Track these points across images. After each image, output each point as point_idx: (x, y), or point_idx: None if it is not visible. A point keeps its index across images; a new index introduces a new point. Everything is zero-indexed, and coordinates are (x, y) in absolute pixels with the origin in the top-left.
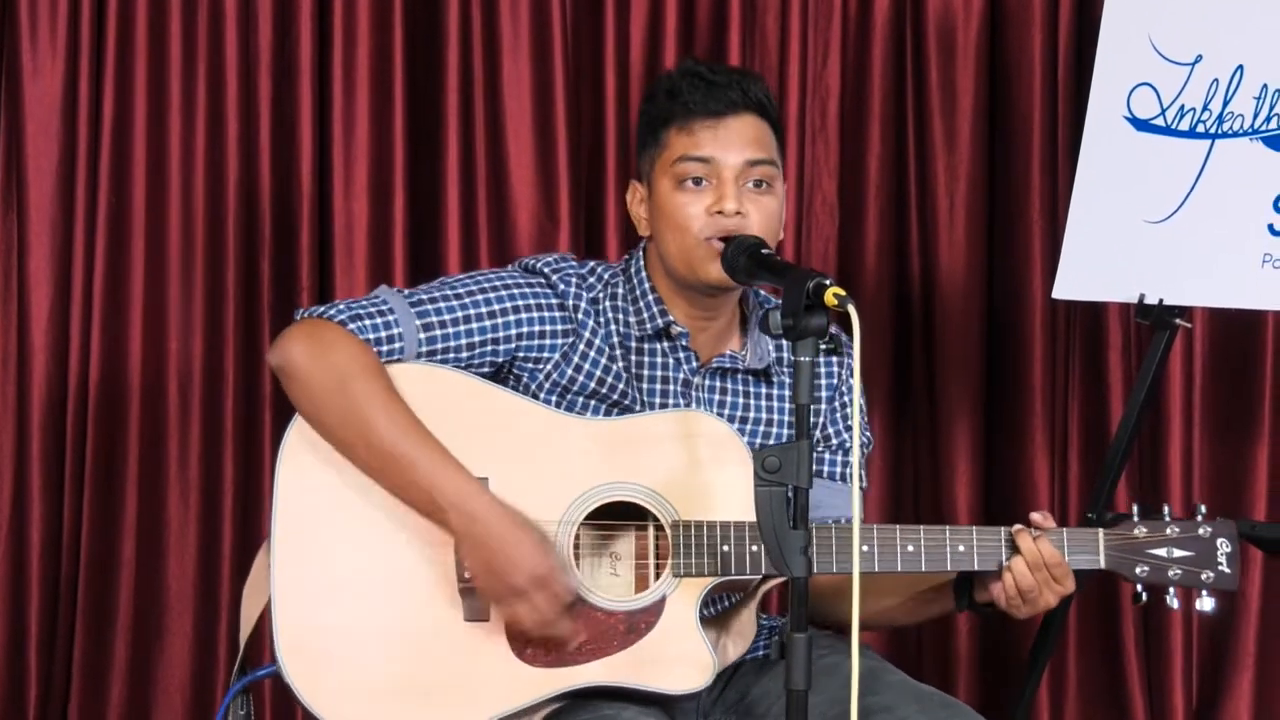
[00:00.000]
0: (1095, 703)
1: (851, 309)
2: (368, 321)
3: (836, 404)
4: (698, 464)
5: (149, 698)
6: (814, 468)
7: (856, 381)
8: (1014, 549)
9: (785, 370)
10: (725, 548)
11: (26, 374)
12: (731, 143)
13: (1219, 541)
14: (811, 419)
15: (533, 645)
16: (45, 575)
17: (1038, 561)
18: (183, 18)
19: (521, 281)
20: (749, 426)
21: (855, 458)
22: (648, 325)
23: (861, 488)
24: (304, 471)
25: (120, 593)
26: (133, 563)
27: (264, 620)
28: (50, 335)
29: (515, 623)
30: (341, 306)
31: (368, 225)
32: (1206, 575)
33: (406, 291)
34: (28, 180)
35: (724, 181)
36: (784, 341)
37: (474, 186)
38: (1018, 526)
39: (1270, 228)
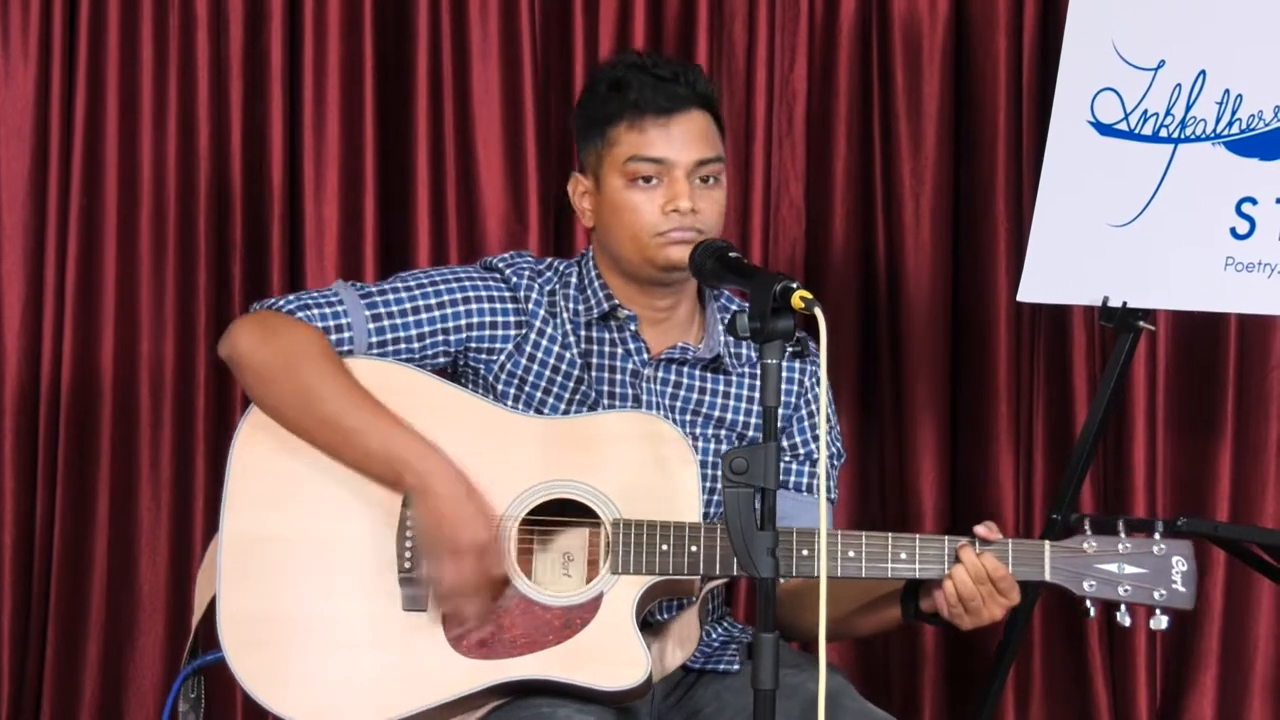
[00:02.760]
0: (1060, 701)
1: (818, 312)
2: (315, 311)
3: (804, 412)
4: (645, 465)
5: (121, 696)
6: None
7: (823, 384)
8: (957, 560)
9: (743, 364)
10: (664, 547)
11: None
12: (682, 141)
13: (1174, 560)
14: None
15: (468, 636)
16: (17, 575)
17: (980, 575)
18: (154, 20)
19: (474, 275)
20: (700, 419)
21: (821, 464)
22: (594, 310)
23: (830, 499)
24: (253, 462)
25: (92, 592)
26: (105, 562)
27: (215, 605)
28: (22, 336)
29: (436, 581)
30: (291, 297)
31: (338, 228)
32: (1159, 593)
33: (359, 285)
34: (0, 182)
35: (676, 180)
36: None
37: (443, 189)
38: (962, 541)
39: (1233, 231)
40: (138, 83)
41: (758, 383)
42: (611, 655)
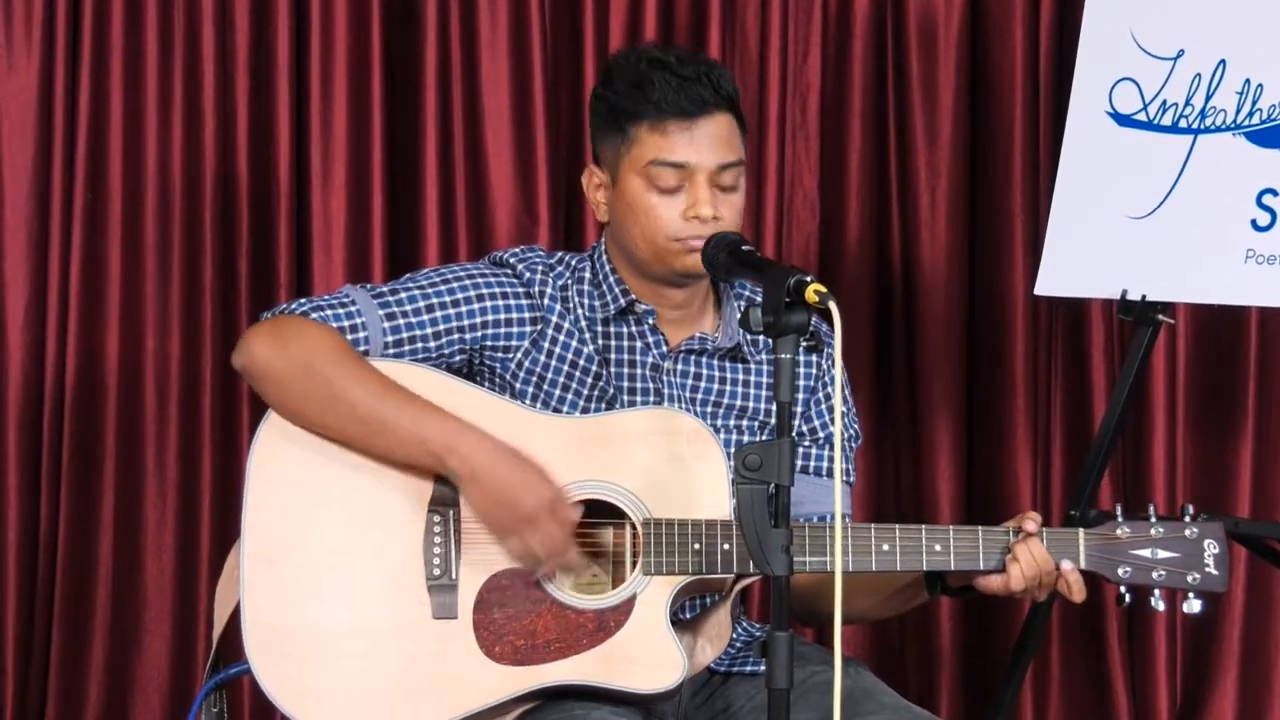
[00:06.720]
0: (1078, 702)
1: (832, 305)
2: (329, 312)
3: (819, 395)
4: (671, 462)
5: (127, 698)
6: (799, 462)
7: (838, 379)
8: (1003, 551)
9: (760, 350)
10: (697, 546)
11: (2, 372)
12: (705, 146)
13: (1206, 543)
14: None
15: (501, 642)
16: (22, 575)
17: (1036, 574)
18: (159, 13)
19: (486, 271)
20: (722, 410)
21: (837, 455)
22: (610, 306)
23: (848, 482)
24: (274, 470)
25: (98, 592)
26: (110, 562)
27: (236, 618)
28: (26, 333)
29: (528, 555)
30: (302, 300)
31: (346, 222)
32: (1193, 577)
33: (370, 286)
34: (3, 177)
35: (698, 186)
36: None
37: (452, 183)
38: (1015, 539)
39: (1253, 223)
40: (142, 75)
41: None
42: (647, 657)
